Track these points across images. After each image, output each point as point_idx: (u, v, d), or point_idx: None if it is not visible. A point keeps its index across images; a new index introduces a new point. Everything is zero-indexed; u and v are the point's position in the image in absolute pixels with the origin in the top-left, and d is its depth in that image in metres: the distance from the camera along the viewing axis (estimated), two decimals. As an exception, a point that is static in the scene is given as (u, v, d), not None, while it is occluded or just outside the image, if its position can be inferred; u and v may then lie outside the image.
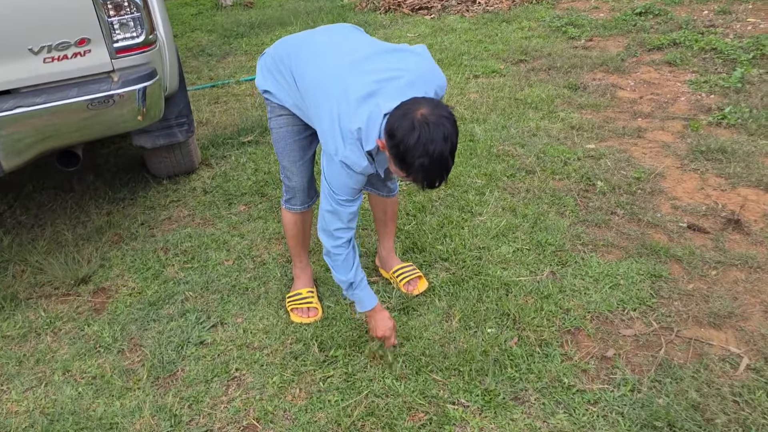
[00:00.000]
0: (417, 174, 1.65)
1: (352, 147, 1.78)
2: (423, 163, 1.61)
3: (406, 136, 1.60)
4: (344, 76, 1.81)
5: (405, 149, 1.61)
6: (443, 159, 1.62)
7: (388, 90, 1.76)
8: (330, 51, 1.94)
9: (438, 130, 1.59)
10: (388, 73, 1.80)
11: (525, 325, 2.20)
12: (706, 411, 1.79)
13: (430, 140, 1.59)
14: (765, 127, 3.34)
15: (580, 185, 3.04)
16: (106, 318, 2.50)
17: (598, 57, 4.75)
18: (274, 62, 2.09)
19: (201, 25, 7.39)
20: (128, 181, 3.59)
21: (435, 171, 1.64)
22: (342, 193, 1.87)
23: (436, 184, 1.68)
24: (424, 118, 1.60)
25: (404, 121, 1.61)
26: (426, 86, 1.81)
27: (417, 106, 1.63)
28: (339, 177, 1.84)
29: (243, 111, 4.49)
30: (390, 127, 1.65)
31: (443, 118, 1.62)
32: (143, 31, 2.42)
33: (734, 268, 2.38)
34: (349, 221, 1.94)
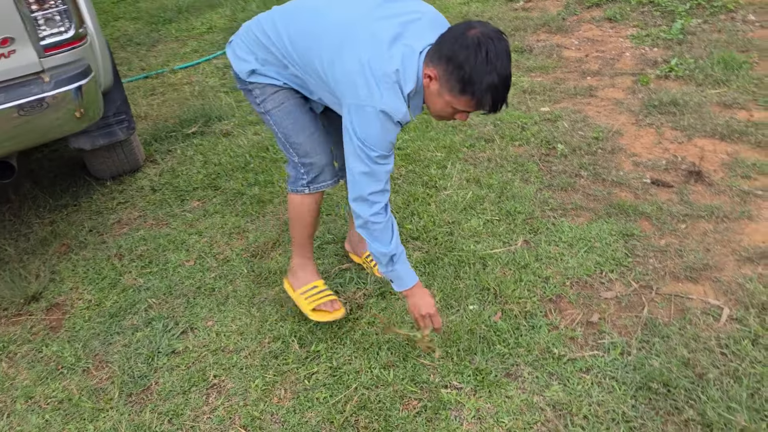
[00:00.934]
0: (485, 95, 1.55)
1: (389, 92, 1.64)
2: (492, 81, 1.52)
3: (471, 54, 1.51)
4: (366, 23, 1.70)
5: (472, 69, 1.52)
6: (508, 76, 1.56)
7: (412, 31, 1.67)
8: (336, 3, 1.82)
9: (501, 45, 1.53)
10: (407, 16, 1.71)
11: (506, 298, 2.17)
12: (697, 366, 1.80)
13: (497, 56, 1.51)
14: (711, 77, 3.40)
15: (540, 150, 3.02)
16: (64, 336, 2.34)
17: (539, 18, 4.73)
18: (254, 40, 1.91)
19: (124, 12, 7.00)
20: (69, 186, 3.36)
21: (502, 90, 1.56)
22: (377, 148, 1.70)
23: (499, 105, 1.60)
24: (485, 35, 1.52)
25: (465, 40, 1.52)
26: (443, 28, 1.70)
27: (468, 29, 1.55)
28: (373, 129, 1.68)
29: (183, 101, 4.27)
30: (447, 52, 1.55)
31: (501, 34, 1.56)
32: (72, 25, 2.22)
33: (702, 219, 2.41)
34: (386, 182, 1.78)
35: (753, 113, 3.05)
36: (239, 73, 1.96)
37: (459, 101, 1.61)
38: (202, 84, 4.56)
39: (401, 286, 1.89)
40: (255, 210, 2.91)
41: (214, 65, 4.91)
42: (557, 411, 1.77)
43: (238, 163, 3.31)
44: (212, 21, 6.07)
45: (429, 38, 1.64)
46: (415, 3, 1.80)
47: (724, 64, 3.46)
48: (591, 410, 1.74)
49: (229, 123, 3.82)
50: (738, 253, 2.23)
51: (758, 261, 2.18)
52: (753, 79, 3.33)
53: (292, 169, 2.06)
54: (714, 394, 1.70)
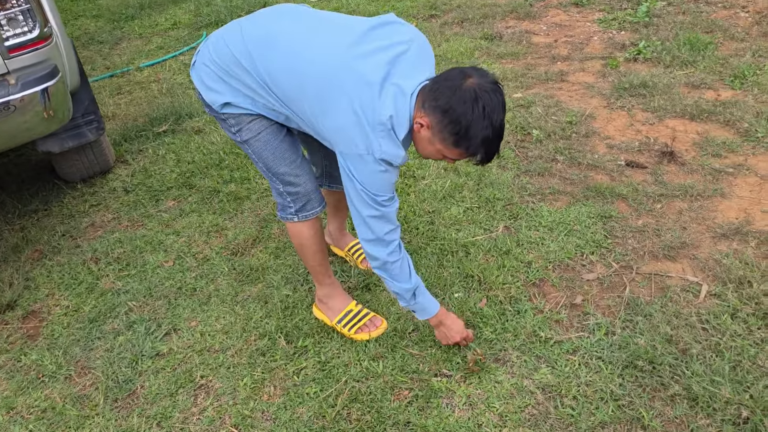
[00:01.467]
0: (478, 148, 1.55)
1: (386, 140, 1.58)
2: (487, 136, 1.52)
3: (467, 111, 1.49)
4: (351, 63, 1.60)
5: (468, 125, 1.51)
6: (502, 128, 1.56)
7: (400, 67, 1.61)
8: (315, 38, 1.68)
9: (497, 97, 1.52)
10: (393, 49, 1.62)
11: (491, 284, 2.19)
12: (680, 342, 1.84)
13: (493, 110, 1.51)
14: (678, 58, 3.46)
15: (516, 136, 3.04)
16: (43, 344, 2.28)
17: (507, 4, 4.75)
18: (222, 68, 1.76)
19: (84, 10, 6.83)
20: (38, 190, 3.28)
21: (495, 142, 1.56)
22: (383, 192, 1.67)
23: (493, 156, 1.60)
24: (481, 87, 1.51)
25: (462, 93, 1.50)
26: (429, 56, 1.69)
27: (465, 76, 1.53)
28: (375, 176, 1.63)
29: (151, 99, 4.19)
30: (444, 104, 1.52)
31: (496, 86, 1.54)
32: (36, 24, 2.16)
33: (677, 199, 2.46)
34: (396, 224, 1.76)
35: (720, 93, 3.11)
36: (210, 103, 1.82)
37: (451, 152, 1.59)
38: (170, 81, 4.48)
39: (426, 315, 1.87)
40: (232, 207, 2.87)
41: (181, 62, 4.83)
42: (547, 393, 1.79)
43: (212, 161, 3.26)
44: (176, 17, 5.96)
45: (418, 75, 1.60)
46: (399, 29, 1.71)
47: (690, 45, 3.53)
48: (580, 391, 1.77)
49: (201, 120, 3.76)
50: (713, 230, 2.28)
51: (733, 237, 2.23)
52: (719, 59, 3.40)
53: (278, 197, 1.97)
54: (698, 368, 1.74)
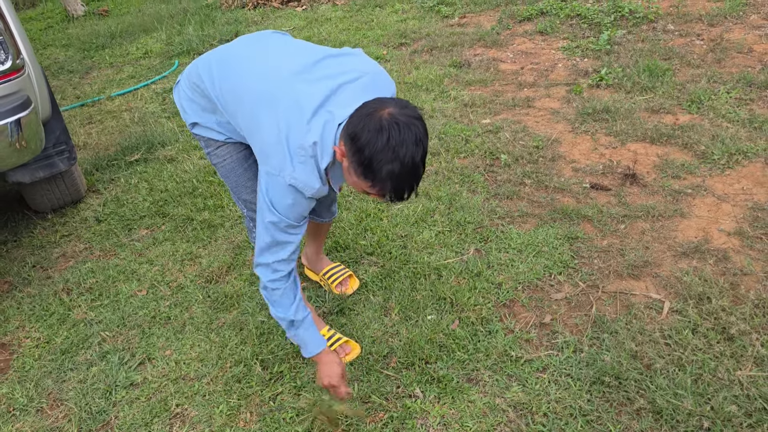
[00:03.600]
0: (385, 183, 1.45)
1: (302, 166, 1.56)
2: (392, 170, 1.42)
3: (372, 138, 1.41)
4: (293, 86, 1.61)
5: (372, 153, 1.41)
6: (414, 165, 1.44)
7: (341, 96, 1.58)
8: (264, 61, 1.72)
9: (409, 131, 1.41)
10: (343, 77, 1.61)
11: (462, 306, 2.23)
12: (645, 357, 1.90)
13: (401, 143, 1.40)
14: (639, 84, 3.60)
15: (485, 161, 3.12)
16: (14, 377, 2.26)
17: (474, 33, 4.89)
18: (191, 87, 1.86)
19: (53, 40, 6.84)
20: (7, 221, 3.25)
21: (405, 179, 1.45)
22: (287, 216, 1.64)
23: (405, 195, 1.48)
24: (393, 117, 1.42)
25: (370, 121, 1.42)
26: (380, 92, 1.63)
27: (383, 106, 1.45)
28: (284, 199, 1.62)
29: (123, 128, 4.20)
30: (352, 130, 1.45)
31: (414, 119, 1.44)
32: (8, 55, 2.18)
33: (639, 219, 2.55)
34: (292, 252, 1.72)
35: (678, 117, 3.24)
36: (185, 121, 1.92)
37: (364, 184, 1.50)
38: (142, 110, 4.49)
39: (307, 352, 1.84)
40: (206, 235, 2.89)
41: (152, 91, 4.85)
42: (518, 411, 1.83)
43: (186, 189, 3.28)
44: (147, 46, 5.99)
45: (357, 105, 1.53)
46: (354, 60, 1.70)
47: (649, 71, 3.67)
48: (550, 407, 1.82)
49: (173, 148, 3.78)
50: (674, 249, 2.37)
51: (692, 255, 2.32)
52: (676, 85, 3.54)
53: (249, 222, 2.02)
54: (662, 382, 1.80)
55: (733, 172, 2.75)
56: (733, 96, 3.32)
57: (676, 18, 4.49)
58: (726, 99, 3.30)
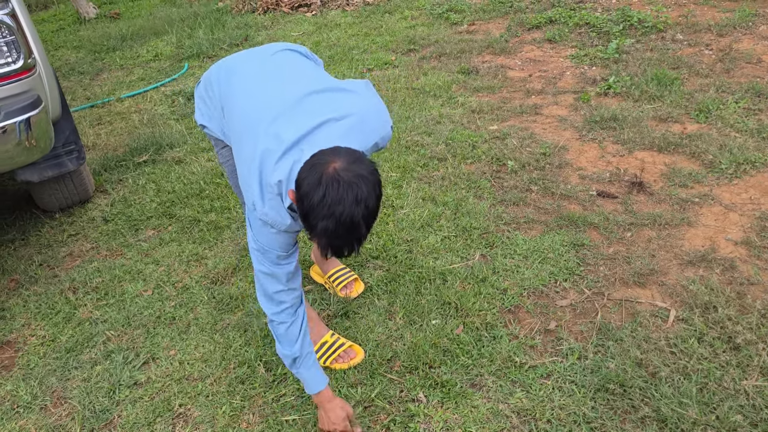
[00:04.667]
0: (320, 238, 1.40)
1: (271, 203, 1.55)
2: (327, 227, 1.37)
3: (310, 191, 1.36)
4: (278, 117, 1.59)
5: (309, 207, 1.37)
6: (353, 224, 1.37)
7: (320, 135, 1.53)
8: (263, 84, 1.72)
9: (350, 190, 1.35)
10: (325, 116, 1.57)
11: (467, 311, 2.23)
12: (650, 366, 1.89)
13: (338, 201, 1.34)
14: (647, 93, 3.59)
15: (492, 167, 3.12)
16: (18, 374, 2.27)
17: (483, 40, 4.90)
18: (205, 88, 1.89)
19: (65, 41, 6.88)
20: (15, 219, 3.27)
21: (341, 237, 1.39)
22: (272, 248, 1.63)
23: (344, 252, 1.44)
24: (336, 173, 1.36)
25: (312, 173, 1.38)
26: (365, 135, 1.60)
27: (332, 158, 1.39)
28: (263, 233, 1.61)
29: (132, 129, 4.22)
30: (298, 178, 1.42)
31: (359, 177, 1.37)
32: (20, 55, 2.19)
33: (646, 227, 2.54)
34: (288, 281, 1.69)
35: (686, 126, 3.24)
36: (196, 120, 1.95)
37: (309, 234, 1.45)
38: (151, 112, 4.52)
39: (308, 389, 1.80)
40: (212, 236, 2.89)
41: (162, 93, 4.87)
42: (522, 417, 1.82)
43: (193, 190, 3.29)
44: (158, 49, 6.03)
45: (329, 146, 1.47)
46: (355, 98, 1.67)
47: (657, 80, 3.67)
48: (554, 414, 1.81)
49: (181, 150, 3.79)
50: (680, 258, 2.36)
51: (699, 264, 2.31)
52: (684, 94, 3.54)
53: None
54: (666, 391, 1.79)
55: (740, 181, 2.74)
56: (741, 106, 3.31)
57: (685, 28, 4.48)
58: (734, 109, 3.29)
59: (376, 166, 1.46)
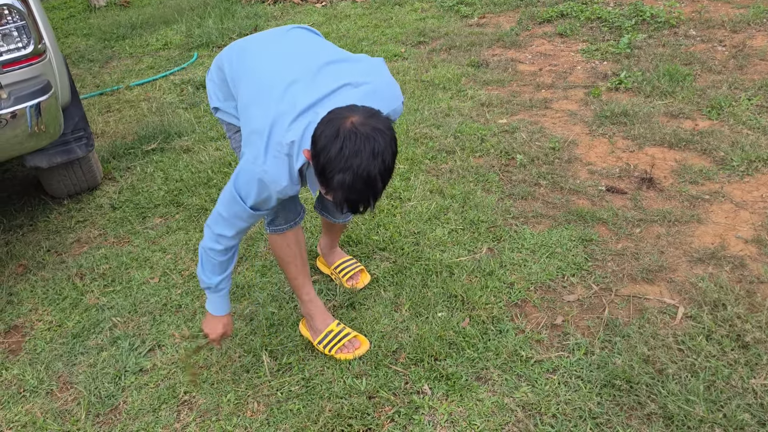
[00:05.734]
0: (336, 192, 1.40)
1: (275, 161, 1.56)
2: (344, 180, 1.37)
3: (328, 144, 1.36)
4: (292, 85, 1.61)
5: (326, 160, 1.37)
6: (370, 178, 1.37)
7: (336, 99, 1.55)
8: (278, 56, 1.75)
9: (367, 142, 1.35)
10: (342, 81, 1.59)
11: (474, 304, 2.22)
12: (657, 362, 1.88)
13: (355, 153, 1.35)
14: (658, 89, 3.56)
15: (500, 160, 3.10)
16: (25, 358, 2.28)
17: (493, 33, 4.87)
18: (217, 71, 1.93)
19: (75, 29, 6.89)
20: (24, 205, 3.28)
21: (357, 191, 1.39)
22: (245, 201, 1.65)
23: (360, 208, 1.43)
24: (353, 126, 1.36)
25: (329, 127, 1.38)
26: (379, 104, 1.56)
27: (349, 113, 1.40)
28: (248, 187, 1.63)
29: (140, 117, 4.23)
30: (315, 133, 1.42)
31: (377, 131, 1.37)
32: (30, 40, 2.19)
33: (655, 224, 2.52)
34: (236, 235, 1.74)
35: (698, 123, 3.21)
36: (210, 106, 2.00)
37: (323, 189, 1.46)
38: (160, 100, 4.52)
39: (210, 308, 1.91)
40: (219, 225, 2.89)
41: (171, 81, 4.87)
42: (527, 411, 1.82)
43: (201, 179, 3.29)
44: (167, 37, 6.03)
45: None
46: (371, 69, 1.69)
47: (669, 76, 3.63)
48: (559, 409, 1.80)
49: (190, 139, 3.79)
50: (690, 255, 2.34)
51: (708, 261, 2.29)
52: (696, 90, 3.50)
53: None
54: (673, 388, 1.78)
55: (752, 179, 2.71)
56: (754, 103, 3.27)
57: (699, 23, 4.44)
58: (747, 106, 3.26)
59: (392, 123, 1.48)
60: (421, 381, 1.96)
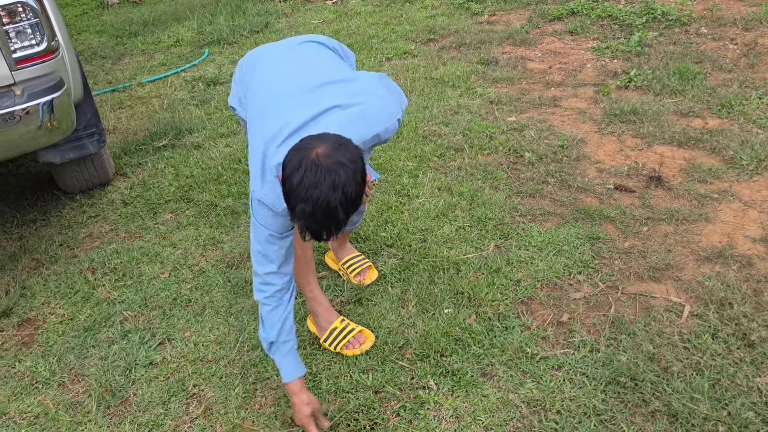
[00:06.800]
0: (299, 220, 1.43)
1: (271, 185, 1.60)
2: (304, 210, 1.40)
3: (291, 174, 1.40)
4: (287, 105, 1.66)
5: (289, 189, 1.42)
6: (329, 209, 1.40)
7: (323, 121, 1.59)
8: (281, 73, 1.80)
9: (328, 175, 1.38)
10: (331, 103, 1.63)
11: (480, 301, 2.23)
12: (662, 360, 1.89)
13: (314, 185, 1.37)
14: (668, 87, 3.55)
15: (509, 158, 3.11)
16: (38, 351, 2.32)
17: (503, 31, 4.86)
18: (239, 74, 1.99)
19: (88, 26, 6.95)
20: (37, 200, 3.33)
21: (318, 221, 1.42)
22: (267, 227, 1.68)
23: (323, 236, 1.46)
24: (316, 158, 1.39)
25: (295, 156, 1.42)
26: (368, 125, 1.62)
27: (316, 143, 1.43)
28: (261, 213, 1.68)
29: (152, 114, 4.27)
30: (284, 161, 1.46)
31: (338, 164, 1.39)
32: (44, 37, 2.23)
33: (663, 222, 2.52)
34: (281, 264, 1.74)
35: (707, 121, 3.20)
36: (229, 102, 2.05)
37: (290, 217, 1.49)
38: (171, 97, 4.56)
39: (282, 376, 1.83)
40: (229, 221, 2.92)
41: (182, 78, 4.91)
42: (532, 407, 1.83)
43: (211, 175, 3.32)
44: (179, 34, 6.06)
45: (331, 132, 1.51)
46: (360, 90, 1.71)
47: (679, 74, 3.62)
48: (564, 405, 1.81)
49: (200, 135, 3.83)
50: (697, 253, 2.34)
51: (716, 260, 2.29)
52: (707, 88, 3.49)
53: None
54: (678, 385, 1.79)
55: (761, 178, 2.70)
56: (765, 102, 3.26)
57: (710, 21, 4.41)
58: (757, 104, 3.24)
59: (362, 154, 1.48)
60: (426, 376, 1.98)
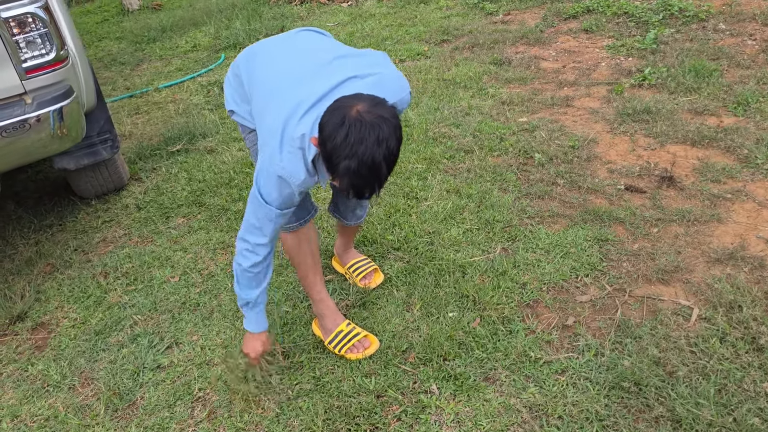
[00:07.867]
0: (343, 178, 1.45)
1: (290, 156, 1.60)
2: (349, 166, 1.41)
3: (333, 132, 1.41)
4: (302, 82, 1.67)
5: (332, 147, 1.42)
6: (375, 165, 1.42)
7: (342, 91, 1.59)
8: (286, 56, 1.82)
9: (372, 130, 1.40)
10: (348, 74, 1.64)
11: (485, 304, 2.22)
12: (668, 365, 1.85)
13: (360, 140, 1.39)
14: (683, 85, 3.49)
15: (518, 159, 3.08)
16: (50, 354, 2.36)
17: (517, 30, 4.83)
18: (233, 75, 2.00)
19: (108, 33, 7.07)
20: (53, 206, 3.39)
21: (363, 177, 1.44)
22: (271, 203, 1.68)
23: (366, 194, 1.48)
24: (358, 114, 1.41)
25: (335, 115, 1.43)
26: (386, 95, 1.58)
27: (354, 101, 1.45)
28: (270, 187, 1.66)
29: (167, 119, 4.32)
30: (321, 121, 1.47)
31: (381, 119, 1.42)
32: (53, 47, 2.27)
33: (673, 223, 2.48)
34: (272, 238, 1.77)
35: (723, 119, 3.13)
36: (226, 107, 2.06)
37: (330, 176, 1.51)
38: (187, 102, 4.61)
39: (248, 326, 1.94)
40: (239, 225, 2.94)
41: (198, 83, 4.97)
42: (533, 412, 1.81)
43: (223, 180, 3.35)
44: (196, 39, 6.14)
45: None
46: (376, 61, 1.74)
47: (695, 72, 3.56)
48: (566, 410, 1.79)
49: (214, 140, 3.87)
50: (708, 255, 2.29)
51: (727, 262, 2.24)
52: (723, 86, 3.42)
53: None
54: (683, 391, 1.75)
55: (777, 177, 2.64)
56: (783, 98, 3.18)
57: (729, 17, 4.33)
58: (775, 101, 3.17)
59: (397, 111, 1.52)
60: (429, 381, 1.97)
